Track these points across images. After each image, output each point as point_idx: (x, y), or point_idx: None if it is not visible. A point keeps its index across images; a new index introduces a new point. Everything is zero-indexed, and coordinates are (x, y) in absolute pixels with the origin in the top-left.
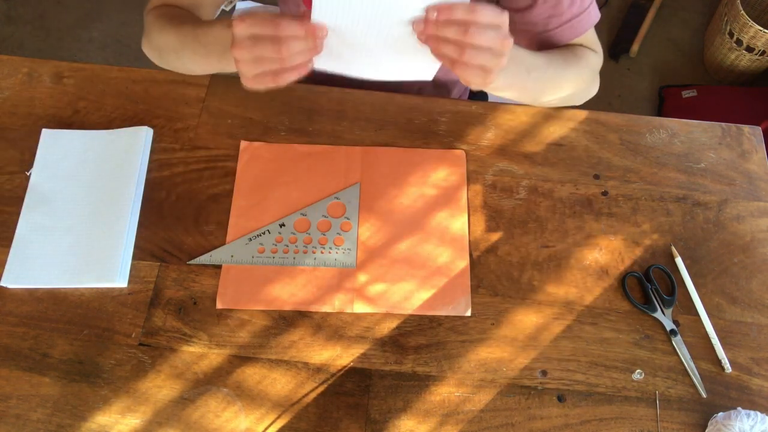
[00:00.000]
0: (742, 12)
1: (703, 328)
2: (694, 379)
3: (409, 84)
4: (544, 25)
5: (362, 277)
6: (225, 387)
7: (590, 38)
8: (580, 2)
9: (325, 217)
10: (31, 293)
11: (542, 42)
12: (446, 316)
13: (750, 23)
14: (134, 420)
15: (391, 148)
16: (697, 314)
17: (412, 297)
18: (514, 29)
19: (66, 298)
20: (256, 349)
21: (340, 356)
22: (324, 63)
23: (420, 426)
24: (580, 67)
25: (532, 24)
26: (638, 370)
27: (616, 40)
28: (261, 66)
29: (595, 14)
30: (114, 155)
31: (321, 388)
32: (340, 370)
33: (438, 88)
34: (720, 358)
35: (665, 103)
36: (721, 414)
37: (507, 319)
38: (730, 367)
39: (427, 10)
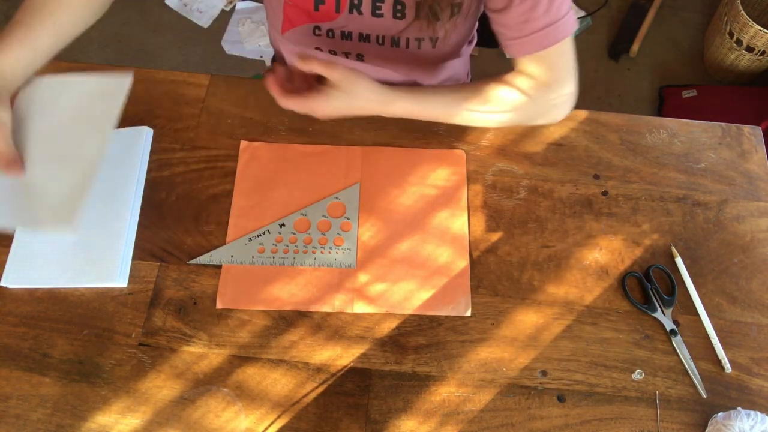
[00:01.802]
0: (742, 12)
1: (703, 328)
2: (694, 379)
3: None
4: (519, 31)
5: (362, 277)
6: (225, 387)
7: (561, 58)
8: (556, 10)
9: (325, 217)
10: (31, 293)
11: (516, 49)
12: (446, 316)
13: (750, 23)
14: (134, 420)
15: (391, 148)
16: (697, 314)
17: (412, 297)
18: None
19: (66, 298)
20: (256, 349)
21: (340, 356)
22: None
23: (420, 426)
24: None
25: (507, 27)
26: (638, 370)
27: (616, 40)
28: None
29: (567, 26)
30: (114, 155)
31: (321, 388)
32: (340, 370)
33: None
34: (720, 358)
35: (665, 103)
36: (721, 414)
37: (507, 319)
38: (730, 367)
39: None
